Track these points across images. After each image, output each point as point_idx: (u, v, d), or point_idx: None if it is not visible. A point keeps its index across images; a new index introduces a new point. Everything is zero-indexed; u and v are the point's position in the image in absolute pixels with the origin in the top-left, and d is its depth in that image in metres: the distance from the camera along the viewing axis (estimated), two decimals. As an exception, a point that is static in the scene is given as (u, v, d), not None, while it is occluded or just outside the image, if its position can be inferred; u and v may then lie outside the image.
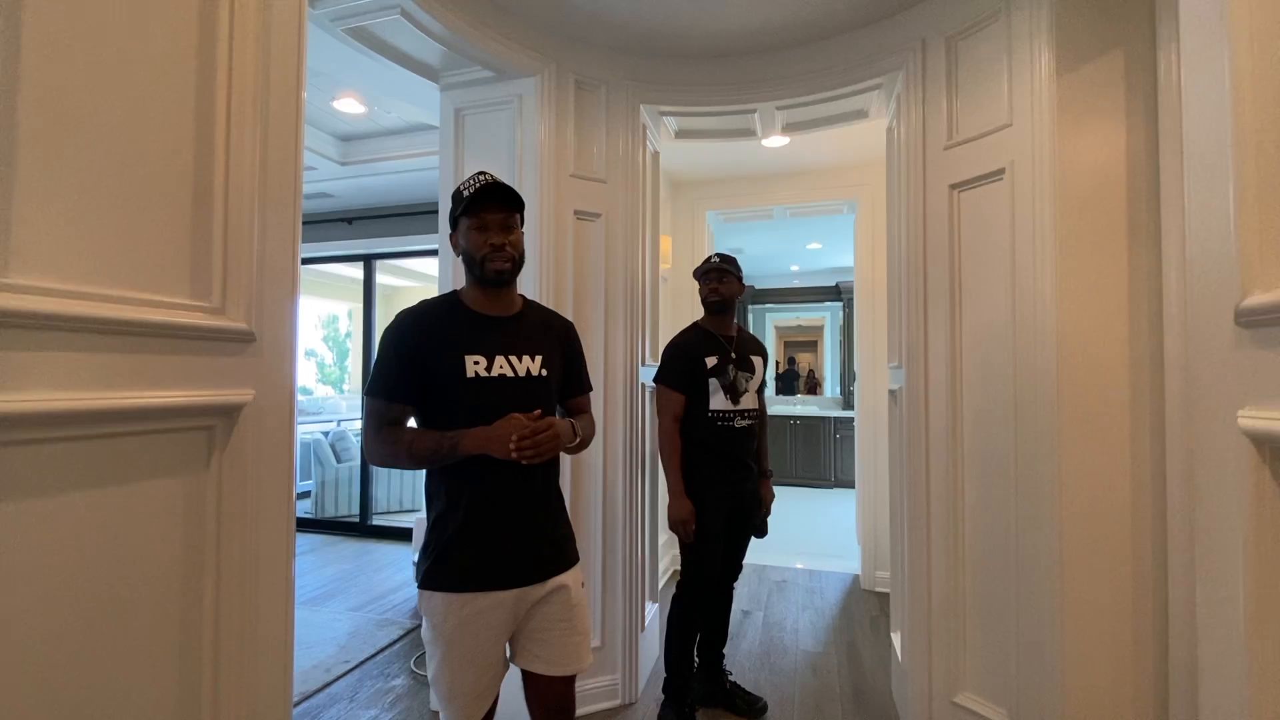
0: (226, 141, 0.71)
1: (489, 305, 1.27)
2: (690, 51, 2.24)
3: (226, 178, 0.70)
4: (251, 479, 0.73)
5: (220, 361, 0.69)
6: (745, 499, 2.08)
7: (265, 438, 0.75)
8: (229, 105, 0.71)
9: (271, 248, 0.76)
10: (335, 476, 5.02)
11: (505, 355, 1.23)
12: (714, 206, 3.81)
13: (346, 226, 4.52)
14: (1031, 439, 1.62)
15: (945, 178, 1.88)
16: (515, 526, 1.22)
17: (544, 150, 2.08)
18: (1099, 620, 1.53)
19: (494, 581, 1.20)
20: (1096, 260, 1.55)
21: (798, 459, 6.54)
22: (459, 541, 1.20)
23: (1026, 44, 1.65)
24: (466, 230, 1.24)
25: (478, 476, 1.20)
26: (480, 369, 1.21)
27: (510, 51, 2.02)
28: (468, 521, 1.20)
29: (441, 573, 1.20)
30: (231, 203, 0.71)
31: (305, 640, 2.77)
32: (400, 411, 1.21)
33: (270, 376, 0.75)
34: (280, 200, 0.79)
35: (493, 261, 1.22)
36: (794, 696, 2.28)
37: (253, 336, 0.72)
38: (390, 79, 2.42)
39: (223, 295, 0.69)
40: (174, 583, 0.65)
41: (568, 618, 1.27)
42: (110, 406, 0.58)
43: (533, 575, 1.24)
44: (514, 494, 1.22)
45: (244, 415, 0.71)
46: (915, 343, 1.95)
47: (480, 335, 1.23)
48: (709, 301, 2.13)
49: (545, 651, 1.26)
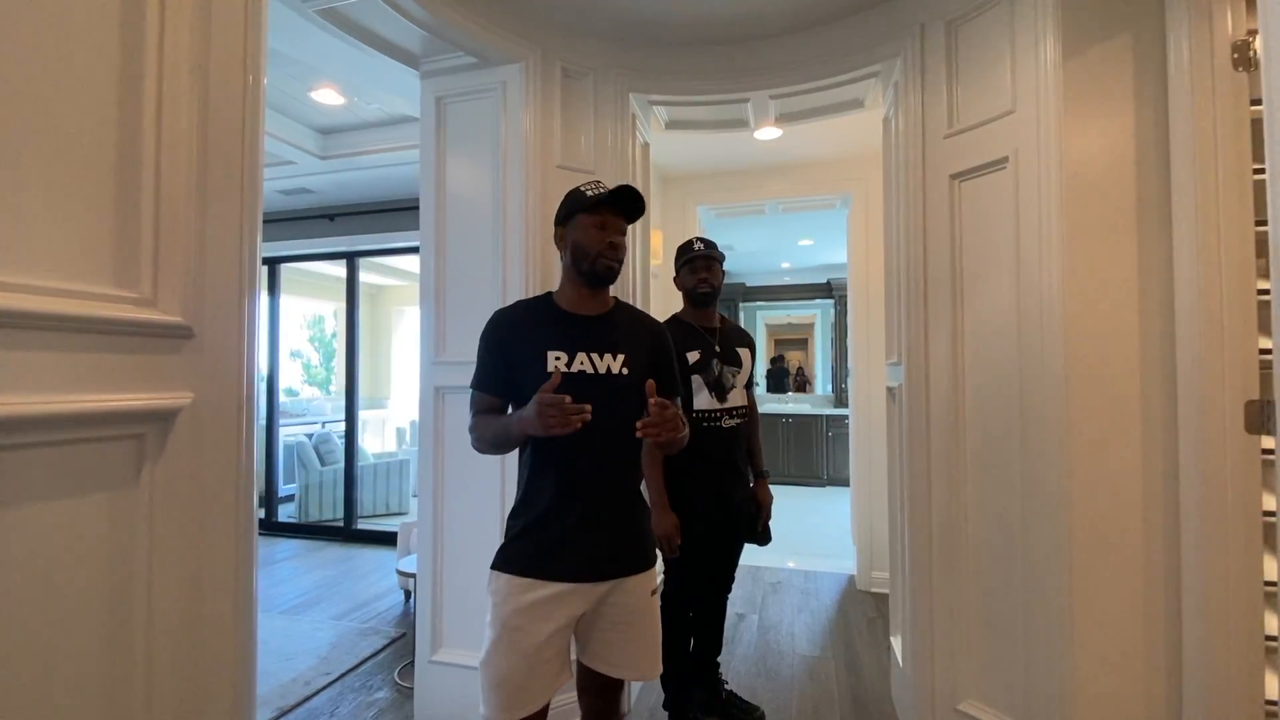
0: (157, 116, 0.62)
1: (580, 304, 1.30)
2: (681, 39, 2.16)
3: (157, 155, 0.62)
4: (192, 493, 0.64)
5: (151, 360, 0.61)
6: (736, 508, 1.96)
7: (208, 446, 0.66)
8: (159, 77, 0.63)
9: (215, 235, 0.68)
10: (319, 480, 4.90)
11: (587, 352, 1.25)
12: (705, 201, 3.74)
13: (328, 223, 4.40)
14: (1038, 438, 1.56)
15: (946, 167, 1.82)
16: (586, 520, 1.23)
17: (529, 140, 1.99)
18: (1109, 625, 1.47)
19: (557, 572, 1.20)
20: (1104, 251, 1.49)
21: (790, 457, 6.50)
22: (531, 528, 1.23)
23: (1030, 27, 1.59)
24: (585, 226, 1.26)
25: (556, 467, 1.23)
26: (561, 364, 1.22)
27: (493, 36, 1.93)
28: (541, 510, 1.23)
29: (509, 554, 1.23)
30: (164, 184, 0.62)
31: (284, 651, 2.67)
32: (489, 402, 1.29)
33: (213, 377, 0.67)
34: (226, 184, 0.70)
35: (606, 257, 1.25)
36: (791, 704, 2.22)
37: (190, 332, 0.64)
38: (370, 68, 2.32)
39: (153, 285, 0.61)
40: (97, 619, 0.57)
41: (630, 622, 1.26)
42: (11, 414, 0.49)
43: (599, 572, 1.23)
44: (590, 488, 1.24)
45: (180, 421, 0.63)
46: (915, 339, 1.89)
47: (565, 332, 1.26)
48: (699, 293, 1.97)
49: (608, 653, 1.27)
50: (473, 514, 2.02)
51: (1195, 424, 1.36)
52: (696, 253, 1.98)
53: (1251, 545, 1.31)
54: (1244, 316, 1.32)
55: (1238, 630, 1.32)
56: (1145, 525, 1.45)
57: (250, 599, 0.88)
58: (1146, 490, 1.45)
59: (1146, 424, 1.45)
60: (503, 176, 2.00)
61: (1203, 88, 1.36)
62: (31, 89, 0.52)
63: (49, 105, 0.53)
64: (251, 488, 0.87)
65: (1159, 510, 1.44)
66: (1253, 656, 1.31)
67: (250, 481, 0.86)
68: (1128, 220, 1.48)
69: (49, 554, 0.53)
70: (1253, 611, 1.31)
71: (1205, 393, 1.34)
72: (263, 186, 0.95)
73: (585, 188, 1.28)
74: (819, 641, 2.74)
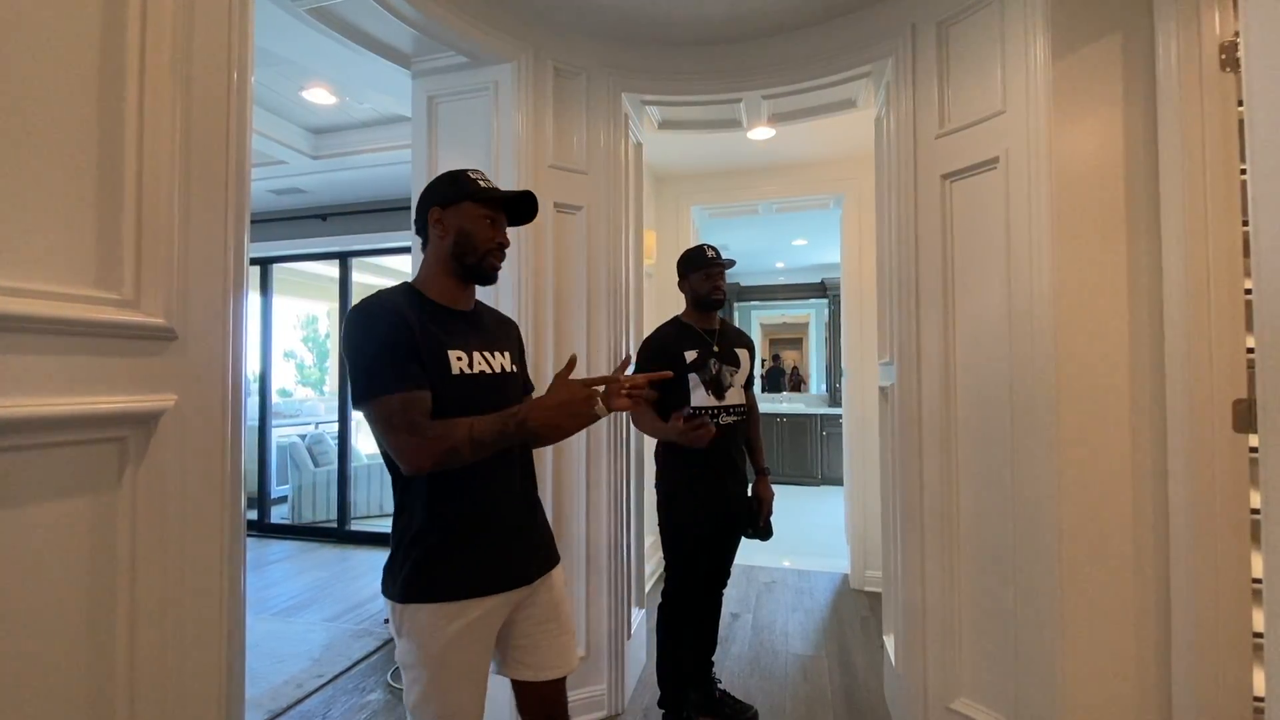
0: (139, 114, 0.61)
1: (455, 299, 1.19)
2: (674, 38, 2.16)
3: (139, 154, 0.61)
4: (175, 497, 0.64)
5: (134, 362, 0.60)
6: (733, 502, 1.98)
7: (192, 449, 0.66)
8: (141, 74, 0.62)
9: (199, 235, 0.67)
10: (313, 481, 4.87)
11: (481, 351, 1.18)
12: (699, 201, 3.74)
13: (321, 223, 4.38)
14: (1029, 436, 1.57)
15: (937, 167, 1.82)
16: (509, 528, 1.17)
17: (521, 139, 1.99)
18: (1099, 622, 1.48)
19: (485, 586, 1.11)
20: (1094, 251, 1.50)
21: (784, 457, 6.52)
22: (447, 548, 1.10)
23: (1020, 28, 1.59)
24: (475, 217, 1.16)
25: (470, 481, 1.11)
26: (464, 365, 1.13)
27: (484, 36, 1.92)
28: (460, 528, 1.11)
29: (426, 579, 1.08)
30: (146, 183, 0.61)
31: (277, 653, 2.66)
32: (426, 400, 1.04)
33: (198, 380, 0.66)
34: (210, 183, 0.69)
35: (495, 258, 1.18)
36: (785, 703, 2.22)
37: (173, 334, 0.63)
38: (361, 67, 2.31)
39: (135, 286, 0.60)
40: (78, 624, 0.56)
41: (555, 617, 1.23)
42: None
43: (527, 575, 1.19)
44: (501, 493, 1.17)
45: (164, 424, 0.62)
46: (907, 338, 1.89)
47: (455, 330, 1.15)
48: (713, 300, 1.99)
49: (535, 657, 1.21)
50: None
51: (1184, 423, 1.36)
52: (713, 260, 2.00)
53: (1240, 543, 1.32)
54: (1232, 316, 1.33)
55: (1226, 627, 1.33)
56: (1135, 523, 1.46)
57: (239, 602, 0.87)
58: (1136, 488, 1.46)
59: (1135, 423, 1.46)
60: (495, 176, 1.99)
61: (1191, 88, 1.37)
62: (7, 86, 0.52)
63: (26, 102, 0.53)
64: (239, 490, 0.87)
65: (1148, 508, 1.45)
66: (1241, 653, 1.32)
67: (238, 484, 0.85)
68: (1117, 220, 1.48)
69: (28, 558, 0.52)
70: (1241, 608, 1.32)
71: (1193, 392, 1.35)
72: (251, 186, 0.94)
73: (475, 177, 1.19)
74: (813, 640, 2.75)
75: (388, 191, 4.01)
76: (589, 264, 2.14)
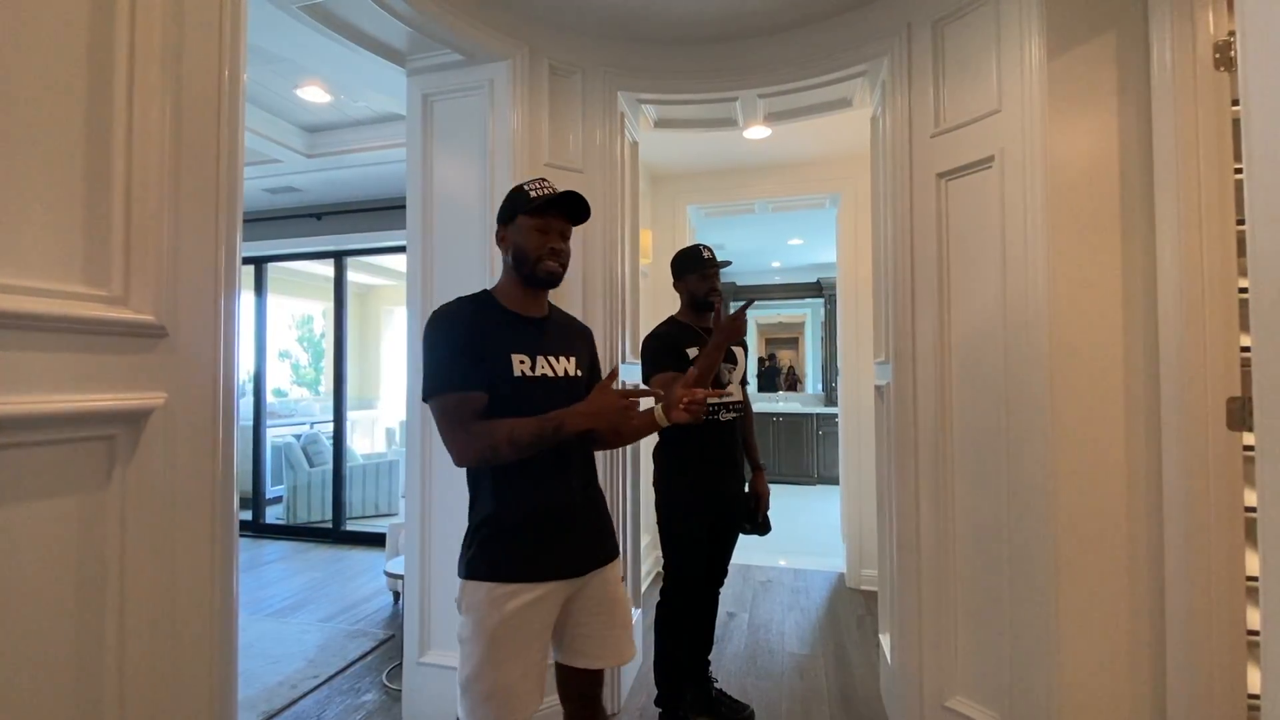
0: (128, 110, 0.61)
1: (526, 305, 1.28)
2: (670, 37, 2.16)
3: (128, 150, 0.60)
4: (165, 496, 0.63)
5: (123, 360, 0.59)
6: (730, 500, 1.99)
7: (182, 447, 0.65)
8: (130, 70, 0.61)
9: (189, 232, 0.66)
10: (308, 481, 4.85)
11: (545, 355, 1.25)
12: (695, 200, 3.73)
13: (316, 222, 4.36)
14: (1023, 435, 1.57)
15: (932, 166, 1.82)
16: (565, 519, 1.23)
17: (517, 138, 1.98)
18: (1094, 621, 1.48)
19: (542, 572, 1.19)
20: (1089, 249, 1.50)
21: (781, 456, 6.52)
22: (508, 532, 1.20)
23: (1016, 26, 1.59)
24: (527, 229, 1.24)
25: (529, 471, 1.20)
26: (525, 368, 1.22)
27: (480, 33, 1.92)
28: (520, 514, 1.20)
29: (486, 562, 1.18)
30: (136, 180, 0.61)
31: (272, 654, 2.64)
32: (480, 401, 1.17)
33: (188, 377, 0.65)
34: (200, 179, 0.68)
35: (547, 261, 1.24)
36: (781, 702, 2.22)
37: (163, 331, 0.62)
38: (356, 65, 2.29)
39: (124, 283, 0.59)
40: (66, 624, 0.55)
41: (608, 610, 1.28)
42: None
43: (580, 567, 1.24)
44: (558, 488, 1.24)
45: (153, 422, 0.61)
46: (902, 337, 1.89)
47: (522, 335, 1.24)
48: (709, 301, 1.97)
49: (588, 646, 1.27)
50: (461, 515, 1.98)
51: (1178, 421, 1.37)
52: (709, 261, 1.99)
53: (1234, 541, 1.32)
54: (1226, 314, 1.33)
55: (1221, 625, 1.33)
56: (1129, 521, 1.46)
57: (230, 603, 0.86)
58: (1130, 487, 1.46)
59: (1130, 421, 1.46)
60: (490, 175, 1.98)
61: (1185, 87, 1.37)
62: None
63: (10, 95, 0.52)
64: (231, 490, 0.86)
65: (1143, 507, 1.45)
66: (1235, 651, 1.33)
67: (229, 483, 0.84)
68: (1111, 219, 1.49)
69: (15, 558, 0.52)
70: (1235, 606, 1.32)
71: (1188, 390, 1.35)
72: (243, 184, 0.93)
73: (529, 187, 1.25)
74: (809, 640, 2.75)
75: (383, 190, 3.99)
76: (584, 263, 2.13)
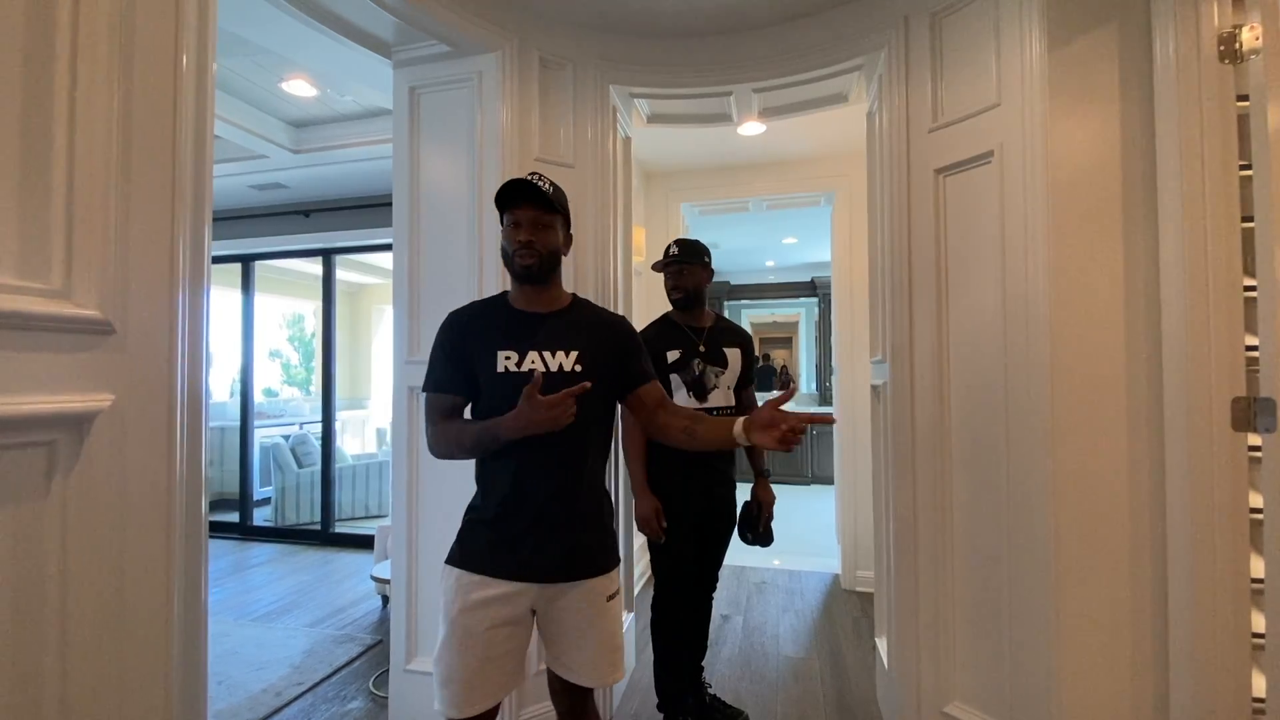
0: (71, 90, 0.56)
1: (529, 302, 1.29)
2: (663, 29, 2.11)
3: (71, 132, 0.55)
4: (114, 505, 0.58)
5: (65, 359, 0.54)
6: (717, 504, 1.94)
7: (133, 453, 0.60)
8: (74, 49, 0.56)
9: (141, 223, 0.62)
10: (296, 482, 4.78)
11: (539, 350, 1.24)
12: (689, 198, 3.69)
13: (304, 220, 4.29)
14: (1024, 436, 1.54)
15: (930, 162, 1.79)
16: (537, 520, 1.21)
17: (506, 132, 1.93)
18: (1096, 626, 1.45)
19: (504, 570, 1.20)
20: (1090, 246, 1.47)
21: (775, 456, 6.49)
22: (483, 524, 1.23)
23: (1015, 19, 1.56)
24: (504, 227, 1.27)
25: (509, 465, 1.21)
26: (511, 364, 1.22)
27: (467, 24, 1.87)
28: (494, 507, 1.22)
29: (460, 550, 1.24)
30: (79, 167, 0.56)
31: (256, 661, 2.58)
32: (451, 402, 1.26)
33: (139, 377, 0.60)
34: (153, 168, 0.64)
35: (520, 257, 1.23)
36: (776, 707, 2.18)
37: (110, 328, 0.57)
38: (342, 57, 2.23)
39: (66, 275, 0.54)
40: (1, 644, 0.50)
41: (581, 627, 1.24)
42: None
43: (547, 574, 1.21)
44: (535, 489, 1.22)
45: (99, 426, 0.56)
46: (900, 336, 1.86)
47: (515, 331, 1.25)
48: (674, 300, 2.00)
49: (567, 660, 1.26)
50: (449, 518, 1.93)
51: (1181, 421, 1.34)
52: (670, 258, 1.98)
53: (1239, 543, 1.29)
54: (1230, 312, 1.30)
55: (1225, 629, 1.30)
56: (1132, 524, 1.43)
57: (197, 613, 0.81)
58: (1133, 488, 1.43)
59: (1132, 421, 1.43)
60: (479, 170, 1.94)
61: (1189, 80, 1.34)
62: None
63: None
64: (197, 496, 0.81)
65: (1145, 508, 1.42)
66: (1240, 655, 1.30)
67: (196, 489, 0.79)
68: (1113, 215, 1.46)
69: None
70: (1240, 609, 1.29)
71: (1191, 390, 1.32)
72: (213, 175, 0.88)
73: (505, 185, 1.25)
74: (804, 643, 2.71)
75: (372, 187, 3.93)
76: (575, 260, 2.09)
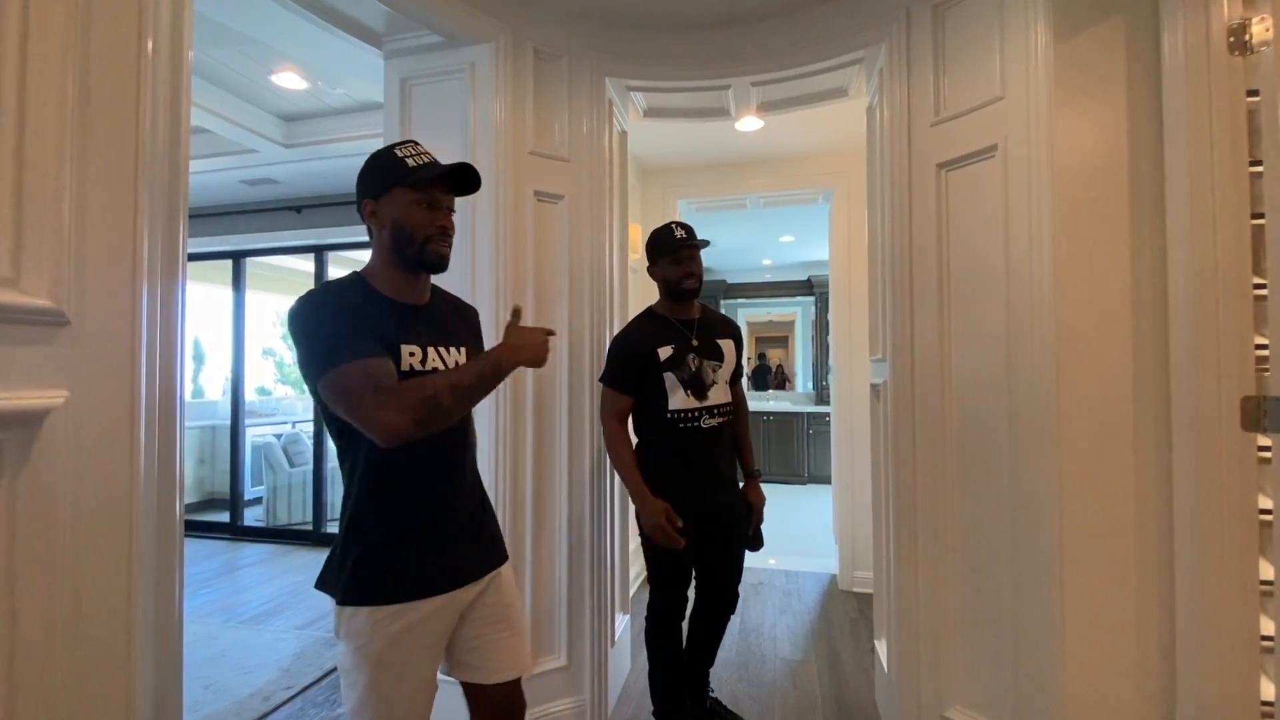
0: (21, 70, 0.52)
1: (406, 291, 1.13)
2: (660, 21, 2.07)
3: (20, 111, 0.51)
4: (68, 508, 0.54)
5: (11, 352, 0.50)
6: (718, 512, 1.80)
7: (90, 453, 0.56)
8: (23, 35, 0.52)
9: (99, 210, 0.57)
10: (288, 482, 4.72)
11: (436, 347, 1.12)
12: (686, 195, 3.66)
13: (295, 215, 4.24)
14: (1028, 436, 1.51)
15: (932, 156, 1.76)
16: (454, 525, 1.13)
17: (500, 124, 1.89)
18: (1101, 628, 1.42)
19: (429, 587, 1.08)
20: (1096, 242, 1.44)
21: (771, 455, 6.47)
22: (389, 548, 1.06)
23: (1020, 10, 1.52)
24: (407, 204, 1.08)
25: (411, 477, 1.08)
26: (415, 362, 1.08)
27: (460, 14, 1.82)
28: (401, 526, 1.07)
29: (364, 583, 1.04)
30: (29, 144, 0.52)
31: (244, 664, 2.54)
32: (392, 368, 1.00)
33: (97, 373, 0.56)
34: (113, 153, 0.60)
35: (436, 243, 1.10)
36: (774, 710, 2.15)
37: (63, 319, 0.53)
38: (334, 48, 2.17)
39: (13, 262, 0.50)
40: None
41: (504, 618, 1.20)
42: None
43: (470, 574, 1.15)
44: (451, 484, 1.14)
45: (50, 424, 0.52)
46: (900, 334, 1.82)
47: (408, 324, 1.10)
48: (685, 289, 1.76)
49: (484, 659, 1.18)
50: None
51: (1189, 421, 1.31)
52: (681, 241, 1.74)
53: (1248, 545, 1.26)
54: (1240, 310, 1.27)
55: (1233, 632, 1.27)
56: (1138, 525, 1.40)
57: (170, 620, 0.77)
58: (1139, 489, 1.40)
59: (1139, 421, 1.40)
60: (472, 160, 1.89)
61: (1197, 74, 1.30)
62: None
63: None
64: (171, 498, 0.77)
65: (1152, 509, 1.39)
66: (1248, 659, 1.27)
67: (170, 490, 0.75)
68: (1120, 210, 1.42)
69: None
70: (1248, 613, 1.26)
71: (1200, 389, 1.29)
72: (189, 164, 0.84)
73: (403, 153, 1.09)
74: (801, 644, 2.68)
75: (364, 183, 3.87)
76: (571, 256, 2.05)
